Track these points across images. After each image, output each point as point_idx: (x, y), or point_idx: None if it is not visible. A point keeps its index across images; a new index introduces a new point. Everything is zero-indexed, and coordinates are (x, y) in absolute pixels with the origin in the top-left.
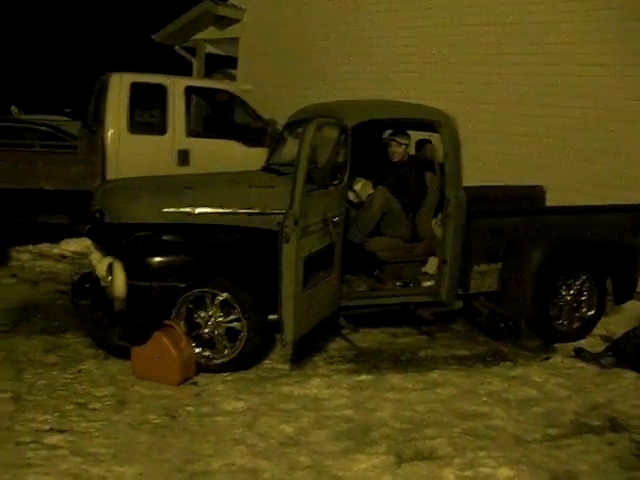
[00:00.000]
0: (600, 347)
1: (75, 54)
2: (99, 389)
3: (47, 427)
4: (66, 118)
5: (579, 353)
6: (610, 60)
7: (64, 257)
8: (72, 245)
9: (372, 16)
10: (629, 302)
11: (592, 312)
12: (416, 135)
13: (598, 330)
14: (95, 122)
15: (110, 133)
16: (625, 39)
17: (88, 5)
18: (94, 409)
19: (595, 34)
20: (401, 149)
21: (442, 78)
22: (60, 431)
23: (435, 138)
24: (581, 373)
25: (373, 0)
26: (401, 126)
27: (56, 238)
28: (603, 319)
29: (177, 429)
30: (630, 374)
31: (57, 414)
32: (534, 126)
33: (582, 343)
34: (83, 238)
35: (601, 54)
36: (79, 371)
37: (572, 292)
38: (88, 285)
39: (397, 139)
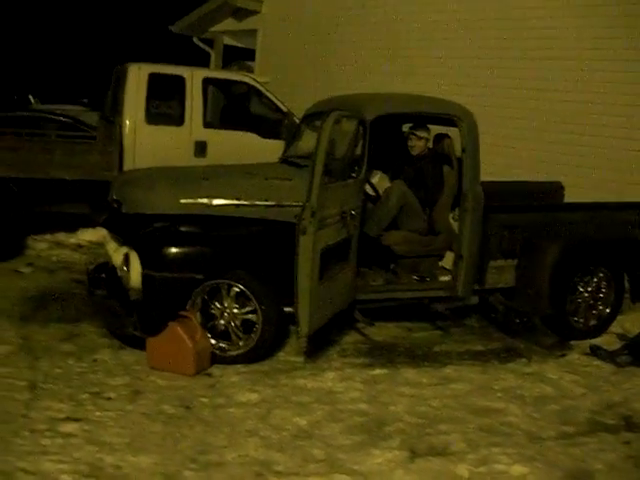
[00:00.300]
0: (616, 345)
1: (93, 44)
2: (114, 379)
3: (62, 415)
4: (84, 108)
5: (595, 351)
6: (621, 56)
7: (80, 247)
8: (88, 235)
9: (395, 8)
10: None
11: (609, 309)
12: (435, 129)
13: (614, 328)
14: (113, 112)
15: (128, 123)
16: (636, 34)
17: None
18: (109, 398)
19: (606, 30)
20: (421, 143)
21: (460, 73)
22: (75, 420)
23: (454, 132)
24: (597, 371)
25: None
26: (420, 120)
27: (73, 228)
28: (619, 317)
29: (191, 420)
30: None
31: (72, 403)
32: (549, 122)
33: (598, 341)
34: (99, 228)
35: (613, 50)
36: (94, 360)
37: (589, 289)
38: (104, 275)
39: (417, 133)
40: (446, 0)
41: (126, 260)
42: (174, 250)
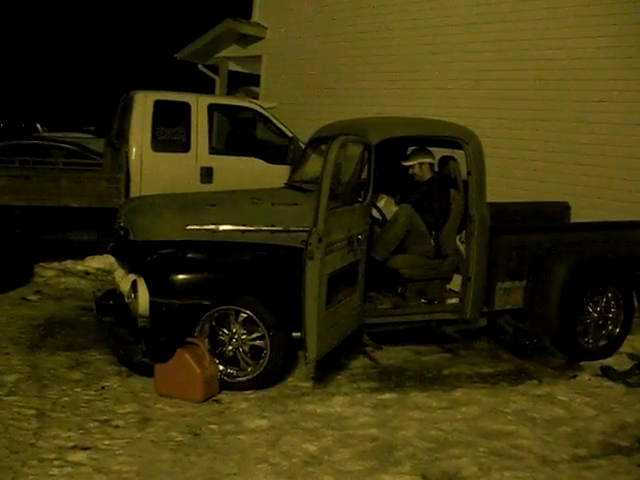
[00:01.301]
0: (627, 365)
1: (100, 73)
2: (122, 406)
3: (71, 444)
4: (91, 136)
5: (606, 371)
6: (630, 76)
7: (88, 274)
8: (96, 262)
9: (397, 33)
10: None
11: (618, 329)
12: (439, 152)
13: (624, 348)
14: (119, 140)
15: (134, 151)
16: None
17: (112, 25)
18: (117, 426)
19: (617, 50)
20: (415, 170)
21: (464, 95)
22: (84, 448)
23: (459, 155)
24: (608, 392)
25: (396, 17)
26: (425, 143)
27: (80, 255)
28: (629, 337)
29: (200, 447)
30: None
31: (81, 431)
32: (557, 143)
33: (608, 361)
34: (107, 255)
35: (621, 70)
36: (102, 388)
37: (599, 309)
38: (112, 302)
39: (414, 162)
40: (449, 23)
41: (133, 287)
42: (181, 277)
